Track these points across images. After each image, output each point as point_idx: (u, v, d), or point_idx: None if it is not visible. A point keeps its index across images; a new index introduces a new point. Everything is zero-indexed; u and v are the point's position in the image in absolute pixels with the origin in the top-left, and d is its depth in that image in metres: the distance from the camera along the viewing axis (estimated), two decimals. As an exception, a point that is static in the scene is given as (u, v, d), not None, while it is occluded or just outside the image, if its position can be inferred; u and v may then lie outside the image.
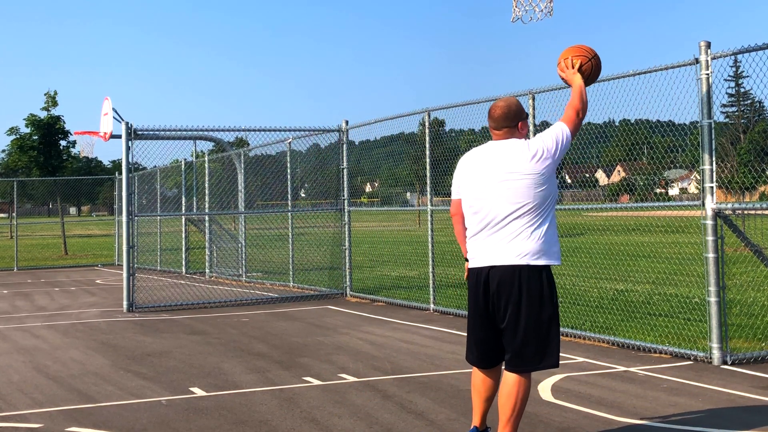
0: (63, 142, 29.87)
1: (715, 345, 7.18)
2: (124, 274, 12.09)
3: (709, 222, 7.23)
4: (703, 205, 7.27)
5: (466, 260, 4.68)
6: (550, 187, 4.46)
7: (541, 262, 4.39)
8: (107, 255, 26.18)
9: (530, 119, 9.31)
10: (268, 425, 5.50)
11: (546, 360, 4.41)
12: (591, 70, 4.87)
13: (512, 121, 4.55)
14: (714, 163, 7.23)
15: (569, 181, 14.74)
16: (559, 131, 4.54)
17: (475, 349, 4.60)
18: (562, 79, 4.91)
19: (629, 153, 9.53)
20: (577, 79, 4.77)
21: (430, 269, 11.30)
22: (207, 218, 17.78)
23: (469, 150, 4.80)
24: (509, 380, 4.39)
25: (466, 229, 4.67)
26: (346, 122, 13.60)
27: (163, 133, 12.84)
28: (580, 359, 7.55)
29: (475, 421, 4.65)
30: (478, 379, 4.65)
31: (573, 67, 4.82)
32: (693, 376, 6.71)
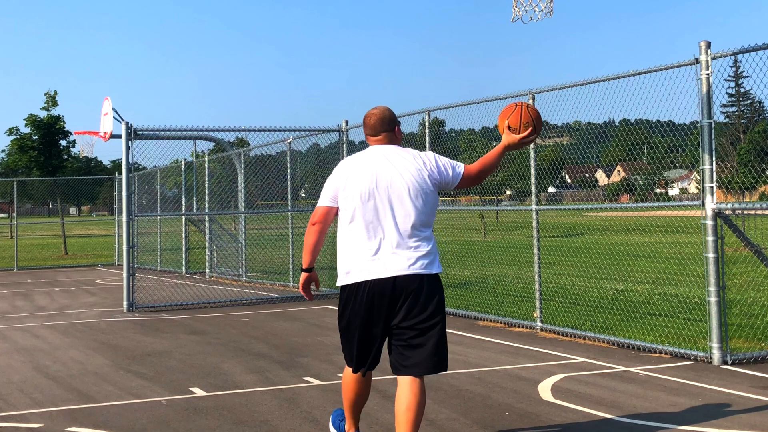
0: (63, 142, 29.87)
1: (715, 345, 7.19)
2: (124, 274, 12.09)
3: (709, 222, 7.23)
4: (703, 205, 7.27)
5: (307, 270, 4.59)
6: (436, 199, 4.48)
7: (437, 270, 4.42)
8: (107, 255, 26.18)
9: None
10: (268, 425, 5.50)
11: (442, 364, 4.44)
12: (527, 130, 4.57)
13: (389, 125, 4.60)
14: (714, 163, 7.23)
15: (569, 181, 14.73)
16: (456, 166, 4.53)
17: (365, 355, 4.47)
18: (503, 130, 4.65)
19: (629, 153, 9.53)
20: (507, 141, 4.58)
21: (430, 269, 11.27)
22: (207, 218, 17.78)
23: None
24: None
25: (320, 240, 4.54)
26: (346, 122, 13.61)
27: (163, 133, 12.84)
28: (580, 359, 7.55)
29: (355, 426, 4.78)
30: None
31: (521, 131, 4.55)
32: (693, 376, 6.71)
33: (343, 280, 4.44)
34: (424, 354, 4.33)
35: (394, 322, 4.36)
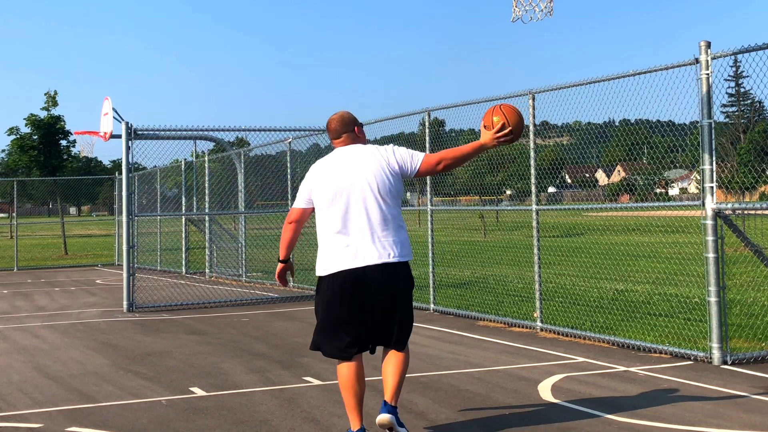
0: (63, 142, 29.85)
1: (715, 345, 7.18)
2: (124, 274, 12.09)
3: (709, 222, 7.23)
4: (703, 205, 7.27)
5: (283, 261, 5.10)
6: (399, 188, 4.91)
7: (405, 258, 4.87)
8: (107, 255, 26.17)
9: (530, 119, 9.31)
10: (268, 425, 5.50)
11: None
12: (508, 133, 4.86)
13: (348, 126, 5.00)
14: (714, 163, 7.23)
15: (569, 181, 14.74)
16: (414, 155, 4.91)
17: (352, 343, 4.82)
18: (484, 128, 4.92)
19: (629, 153, 9.53)
20: (482, 140, 4.89)
21: (430, 269, 11.30)
22: (207, 218, 17.78)
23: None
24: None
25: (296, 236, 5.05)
26: (346, 122, 13.59)
27: (163, 133, 12.84)
28: (580, 359, 7.55)
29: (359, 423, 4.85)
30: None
31: (493, 127, 4.83)
32: (693, 376, 6.71)
33: (319, 271, 4.89)
34: (395, 333, 4.86)
35: (367, 308, 4.79)
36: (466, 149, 4.89)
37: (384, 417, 4.78)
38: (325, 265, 4.83)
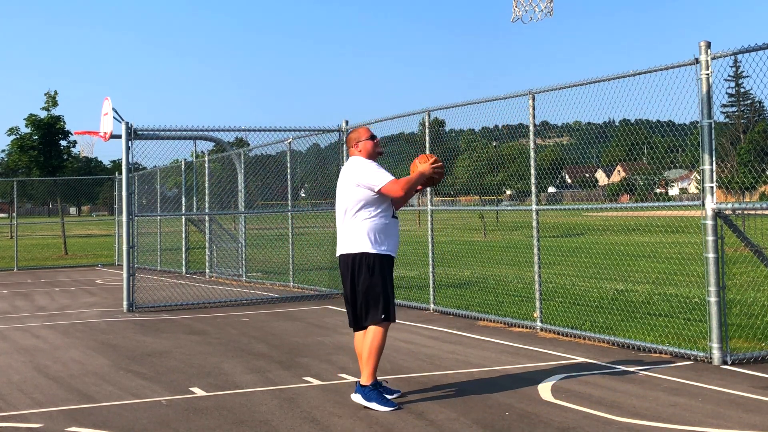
0: (63, 142, 29.85)
1: (715, 345, 7.18)
2: (124, 274, 12.09)
3: (709, 222, 7.23)
4: (703, 205, 7.27)
5: None
6: (362, 195, 5.90)
7: (364, 250, 5.87)
8: (107, 255, 26.18)
9: (530, 119, 9.31)
10: (268, 425, 5.50)
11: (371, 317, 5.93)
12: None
13: (351, 142, 6.26)
14: (714, 163, 7.23)
15: (569, 181, 14.74)
16: (380, 180, 5.88)
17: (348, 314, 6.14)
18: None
19: (629, 153, 9.53)
20: (421, 168, 6.09)
21: (430, 269, 11.30)
22: (207, 218, 17.78)
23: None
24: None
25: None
26: (346, 122, 13.61)
27: (163, 133, 12.84)
28: (580, 359, 7.55)
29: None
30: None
31: (428, 160, 6.15)
32: (693, 376, 6.71)
33: None
34: (364, 311, 5.95)
35: (345, 288, 6.05)
36: (413, 178, 5.99)
37: (353, 397, 5.94)
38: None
